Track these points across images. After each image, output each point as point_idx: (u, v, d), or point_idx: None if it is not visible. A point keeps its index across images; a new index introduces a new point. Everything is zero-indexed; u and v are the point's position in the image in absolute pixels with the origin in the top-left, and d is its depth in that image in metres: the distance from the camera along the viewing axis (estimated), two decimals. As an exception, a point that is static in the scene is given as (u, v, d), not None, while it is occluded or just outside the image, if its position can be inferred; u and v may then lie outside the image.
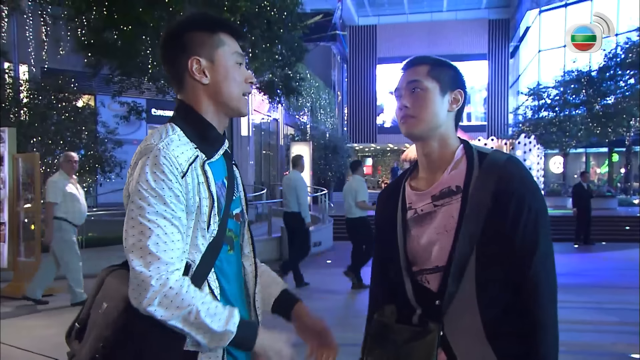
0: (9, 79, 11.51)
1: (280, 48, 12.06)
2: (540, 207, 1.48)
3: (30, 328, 5.86)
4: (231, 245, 1.55)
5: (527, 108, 24.31)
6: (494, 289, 1.46)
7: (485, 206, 1.46)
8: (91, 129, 11.80)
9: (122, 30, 10.39)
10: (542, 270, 1.47)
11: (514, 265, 1.45)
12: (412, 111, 1.57)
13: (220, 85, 1.53)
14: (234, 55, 1.55)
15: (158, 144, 1.40)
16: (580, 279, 9.02)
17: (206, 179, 1.45)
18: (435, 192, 1.56)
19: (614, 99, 21.16)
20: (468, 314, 1.46)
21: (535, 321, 1.45)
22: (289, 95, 13.59)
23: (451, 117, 1.60)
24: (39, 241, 7.42)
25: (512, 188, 1.46)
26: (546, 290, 1.47)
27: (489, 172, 1.49)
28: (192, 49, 1.51)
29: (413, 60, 1.62)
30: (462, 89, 1.62)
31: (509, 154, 1.54)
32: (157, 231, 1.35)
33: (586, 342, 5.38)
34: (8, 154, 7.61)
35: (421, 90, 1.56)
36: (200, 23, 1.53)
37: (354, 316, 6.41)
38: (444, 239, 1.51)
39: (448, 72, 1.60)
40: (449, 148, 1.59)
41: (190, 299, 1.34)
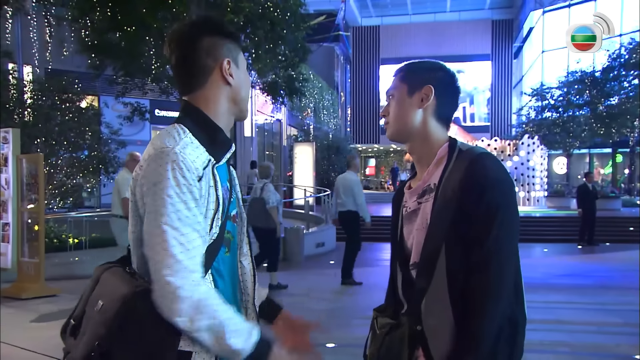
0: (13, 80, 11.55)
1: (284, 49, 12.07)
2: (500, 200, 1.45)
3: (34, 329, 5.87)
4: (228, 247, 1.56)
5: (530, 109, 24.27)
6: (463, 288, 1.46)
7: (451, 203, 1.47)
8: (95, 130, 11.83)
9: (126, 32, 10.42)
10: (489, 263, 1.42)
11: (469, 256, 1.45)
12: (387, 118, 1.67)
13: (240, 88, 1.59)
14: (244, 62, 1.65)
15: (174, 148, 1.39)
16: (584, 280, 8.99)
17: (215, 183, 1.45)
18: (419, 190, 1.61)
19: (617, 99, 21.13)
20: (441, 310, 1.47)
21: (472, 310, 1.42)
22: (292, 96, 13.60)
23: (428, 114, 1.61)
24: (42, 242, 7.44)
25: (472, 183, 1.45)
26: (490, 281, 1.42)
27: (457, 169, 1.51)
28: (222, 52, 1.54)
29: (396, 70, 1.70)
30: (434, 85, 1.60)
31: (483, 150, 1.53)
32: (181, 238, 1.34)
33: (589, 343, 5.37)
34: (12, 155, 7.63)
35: (393, 98, 1.66)
36: (222, 28, 1.58)
37: (356, 317, 6.41)
38: (420, 236, 1.55)
39: (418, 72, 1.64)
40: (431, 145, 1.62)
41: (216, 312, 1.34)
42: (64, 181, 11.47)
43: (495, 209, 1.43)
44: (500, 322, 1.45)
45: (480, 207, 1.44)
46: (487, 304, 1.42)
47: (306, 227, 12.51)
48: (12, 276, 7.62)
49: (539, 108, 23.59)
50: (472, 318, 1.42)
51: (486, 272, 1.42)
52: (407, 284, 1.60)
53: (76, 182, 11.90)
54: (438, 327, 1.49)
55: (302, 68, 14.43)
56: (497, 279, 1.43)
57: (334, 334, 5.57)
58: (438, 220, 1.50)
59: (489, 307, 1.42)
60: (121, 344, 1.34)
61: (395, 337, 1.58)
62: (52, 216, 10.41)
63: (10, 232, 7.58)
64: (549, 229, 15.34)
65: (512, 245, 1.47)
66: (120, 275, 1.43)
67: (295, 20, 11.65)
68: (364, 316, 6.56)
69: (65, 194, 11.60)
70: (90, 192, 14.11)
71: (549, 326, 5.81)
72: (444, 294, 1.47)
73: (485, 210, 1.43)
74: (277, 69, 12.48)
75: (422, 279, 1.51)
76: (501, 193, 1.46)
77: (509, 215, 1.46)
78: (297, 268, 10.29)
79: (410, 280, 1.59)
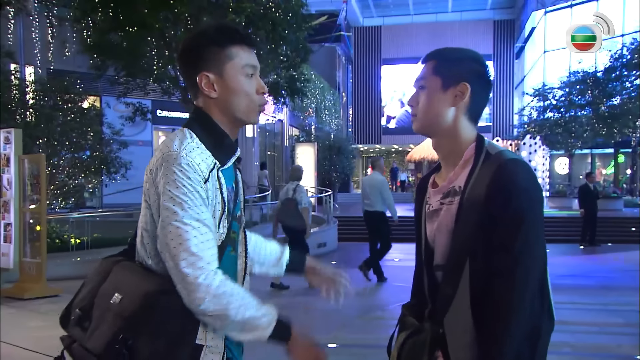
0: (15, 80, 11.56)
1: (285, 49, 12.06)
2: (527, 207, 1.42)
3: (35, 329, 5.88)
4: (233, 246, 1.61)
5: (532, 109, 24.23)
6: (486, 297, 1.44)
7: (477, 207, 1.44)
8: (96, 130, 11.83)
9: (128, 32, 10.43)
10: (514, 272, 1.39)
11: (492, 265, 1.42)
12: (415, 110, 1.60)
13: (228, 99, 1.57)
14: (245, 68, 1.58)
15: (180, 152, 1.46)
16: (586, 281, 8.99)
17: (220, 185, 1.51)
18: (444, 190, 1.57)
19: (619, 99, 21.10)
20: (462, 313, 1.47)
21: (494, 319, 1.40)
22: (294, 97, 13.60)
23: (460, 111, 1.56)
24: (44, 242, 7.45)
25: (500, 189, 1.42)
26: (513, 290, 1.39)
27: (485, 173, 1.46)
28: (202, 64, 1.56)
29: (426, 56, 1.63)
30: (471, 81, 1.55)
31: (512, 155, 1.49)
32: (194, 232, 1.41)
33: (591, 344, 5.36)
34: (14, 155, 7.64)
35: (423, 89, 1.58)
36: (211, 37, 1.57)
37: (358, 317, 6.41)
38: (443, 238, 1.53)
39: (454, 66, 1.56)
40: (460, 144, 1.56)
41: (236, 297, 1.44)
42: (66, 181, 11.48)
43: (522, 216, 1.40)
44: (524, 331, 1.42)
45: (506, 214, 1.40)
46: (511, 314, 1.39)
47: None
48: (14, 276, 7.63)
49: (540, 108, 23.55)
50: (495, 327, 1.39)
51: (511, 281, 1.39)
52: (433, 285, 1.59)
53: (78, 182, 11.91)
54: (458, 330, 1.47)
55: (303, 68, 14.43)
56: (521, 288, 1.40)
57: (335, 334, 5.57)
58: (464, 225, 1.47)
59: (513, 316, 1.39)
60: (144, 338, 1.40)
61: (417, 342, 1.56)
62: (54, 216, 10.42)
63: (13, 232, 7.60)
64: (550, 229, 15.30)
65: (537, 252, 1.44)
66: (139, 271, 1.51)
67: (296, 20, 11.65)
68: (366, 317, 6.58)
69: (67, 194, 11.61)
70: (92, 192, 14.11)
71: (550, 327, 5.80)
72: (465, 298, 1.46)
73: (511, 217, 1.40)
74: (278, 70, 12.48)
75: (449, 286, 1.49)
76: (528, 200, 1.43)
77: (535, 223, 1.43)
78: (299, 268, 10.29)
79: (435, 281, 1.58)
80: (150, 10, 9.99)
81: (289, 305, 6.95)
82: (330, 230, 13.49)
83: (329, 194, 15.73)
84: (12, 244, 7.59)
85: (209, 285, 1.40)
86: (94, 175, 11.99)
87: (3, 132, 7.83)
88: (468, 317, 1.45)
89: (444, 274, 1.51)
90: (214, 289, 1.40)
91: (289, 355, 1.57)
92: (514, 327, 1.39)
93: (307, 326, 1.60)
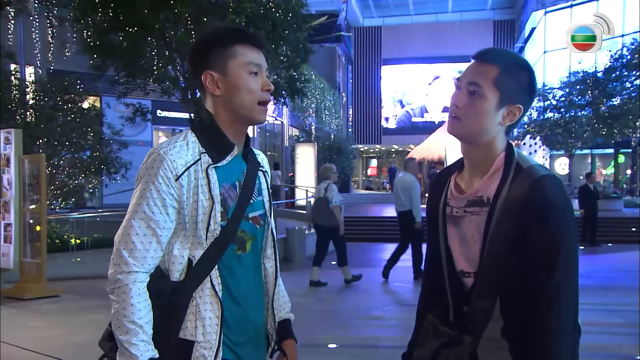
0: (15, 81, 11.57)
1: (285, 49, 12.06)
2: (565, 228, 1.41)
3: (36, 329, 5.88)
4: (241, 246, 1.61)
5: (532, 109, 24.19)
6: (516, 311, 1.43)
7: (510, 221, 1.42)
8: (97, 130, 11.84)
9: (128, 32, 10.43)
10: (559, 291, 1.39)
11: (532, 286, 1.41)
12: (460, 112, 1.50)
13: (231, 97, 1.59)
14: (248, 66, 1.59)
15: (160, 150, 1.53)
16: (586, 281, 8.97)
17: (208, 182, 1.53)
18: (469, 198, 1.53)
19: (619, 100, 21.07)
20: (494, 329, 1.46)
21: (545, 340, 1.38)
22: (294, 97, 13.60)
23: (502, 129, 1.53)
24: (44, 242, 7.45)
25: (536, 207, 1.39)
26: (561, 310, 1.39)
27: (518, 188, 1.43)
28: (207, 64, 1.59)
29: (485, 55, 1.52)
30: (524, 103, 1.52)
31: (545, 172, 1.46)
32: (139, 235, 1.49)
33: (591, 344, 5.36)
34: (14, 155, 7.65)
35: (478, 97, 1.48)
36: (216, 37, 1.61)
37: (357, 317, 6.41)
38: (470, 248, 1.51)
39: (515, 82, 1.49)
40: (492, 155, 1.53)
41: (130, 304, 1.45)
42: (66, 182, 11.48)
43: (561, 238, 1.39)
44: (569, 349, 1.42)
45: (544, 234, 1.39)
46: (560, 336, 1.39)
47: (308, 228, 12.50)
48: (14, 276, 7.63)
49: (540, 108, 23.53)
50: (546, 347, 1.38)
51: (557, 303, 1.38)
52: (458, 291, 1.55)
53: (78, 182, 11.92)
54: (490, 346, 1.46)
55: (303, 68, 14.43)
56: (567, 310, 1.40)
57: (335, 334, 5.57)
58: (498, 239, 1.44)
59: (563, 338, 1.39)
60: None
61: (453, 354, 1.52)
62: (54, 217, 10.42)
63: (13, 232, 7.60)
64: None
65: (576, 271, 1.43)
66: None
67: (297, 20, 11.65)
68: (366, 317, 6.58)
69: (67, 194, 11.62)
70: (92, 192, 14.12)
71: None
72: (497, 318, 1.45)
73: (549, 238, 1.39)
74: (278, 70, 12.47)
75: (485, 300, 1.46)
76: (566, 221, 1.42)
77: (573, 244, 1.42)
78: (299, 268, 10.29)
79: (460, 287, 1.55)
80: (150, 10, 9.98)
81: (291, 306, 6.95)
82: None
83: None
84: (12, 244, 7.59)
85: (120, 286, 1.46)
86: (94, 175, 12.00)
87: (3, 132, 7.84)
88: (499, 333, 1.45)
89: (479, 287, 1.48)
90: (122, 293, 1.46)
91: None
92: (564, 347, 1.39)
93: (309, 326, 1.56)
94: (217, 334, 1.51)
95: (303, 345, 5.28)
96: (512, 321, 1.43)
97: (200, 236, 1.52)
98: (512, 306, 1.43)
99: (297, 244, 10.95)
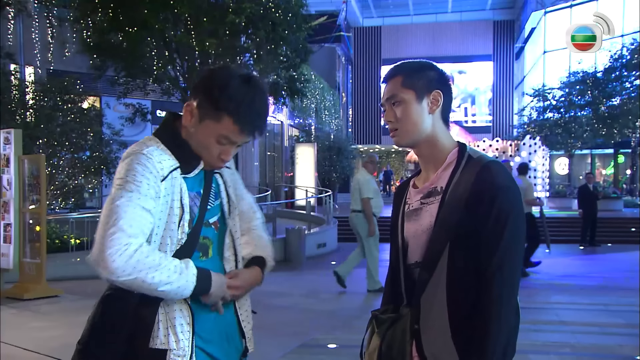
0: (15, 81, 11.56)
1: (285, 49, 12.07)
2: (510, 208, 1.50)
3: (36, 329, 5.88)
4: (204, 252, 1.64)
5: (532, 109, 24.23)
6: (463, 288, 1.51)
7: (458, 207, 1.52)
8: (96, 131, 11.83)
9: (127, 32, 10.43)
10: (502, 267, 1.47)
11: (479, 263, 1.49)
12: (394, 124, 1.65)
13: (196, 140, 1.60)
14: (219, 137, 1.57)
15: (142, 150, 1.53)
16: (586, 281, 8.98)
17: (180, 191, 1.55)
18: (424, 191, 1.64)
19: (619, 100, 21.09)
20: (438, 310, 1.52)
21: (484, 314, 1.46)
22: (294, 97, 13.60)
23: (436, 118, 1.64)
24: (44, 242, 7.45)
25: (483, 190, 1.50)
26: (503, 285, 1.47)
27: (467, 175, 1.54)
28: (197, 95, 1.58)
29: (387, 74, 1.69)
30: (440, 88, 1.63)
31: (492, 159, 1.58)
32: (128, 213, 1.43)
33: (592, 344, 5.36)
34: (14, 156, 7.64)
35: (398, 103, 1.63)
36: (227, 97, 1.53)
37: (357, 317, 6.40)
38: (423, 237, 1.58)
39: (421, 77, 1.63)
40: (440, 148, 1.64)
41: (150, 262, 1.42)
42: (66, 182, 11.47)
43: (506, 215, 1.49)
44: (511, 326, 1.51)
45: (491, 213, 1.48)
46: (500, 310, 1.46)
47: (307, 228, 12.51)
48: (14, 277, 7.62)
49: (540, 109, 23.55)
50: (488, 322, 1.46)
51: (500, 278, 1.47)
52: (410, 281, 1.63)
53: (78, 182, 11.92)
54: (433, 326, 1.52)
55: (303, 69, 14.43)
56: (509, 284, 1.48)
57: (335, 334, 5.57)
58: (444, 221, 1.54)
59: (503, 312, 1.46)
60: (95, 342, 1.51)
61: (397, 330, 1.60)
62: (53, 217, 10.42)
63: (12, 232, 7.59)
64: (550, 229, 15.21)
65: (521, 250, 1.54)
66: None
67: (296, 21, 11.65)
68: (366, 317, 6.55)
69: (67, 194, 11.61)
70: (91, 192, 14.12)
71: (551, 327, 5.80)
72: (441, 294, 1.52)
73: (496, 216, 1.48)
74: (278, 70, 12.47)
75: (425, 273, 1.55)
76: (511, 199, 1.52)
77: (518, 221, 1.51)
78: (299, 269, 10.29)
79: (412, 277, 1.62)
80: (150, 10, 9.99)
81: (289, 306, 6.95)
82: (330, 230, 13.49)
83: (329, 194, 15.73)
84: (12, 245, 7.58)
85: (119, 255, 1.38)
86: (94, 175, 11.99)
87: (3, 132, 7.83)
88: (444, 314, 1.51)
89: (422, 262, 1.57)
90: (124, 259, 1.39)
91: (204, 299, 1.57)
92: (504, 322, 1.47)
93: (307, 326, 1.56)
94: (189, 340, 1.52)
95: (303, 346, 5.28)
96: (457, 309, 1.50)
97: (166, 244, 1.53)
98: (459, 294, 1.50)
99: (296, 245, 10.95)
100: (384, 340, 1.62)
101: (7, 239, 7.65)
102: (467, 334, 1.48)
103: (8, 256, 7.58)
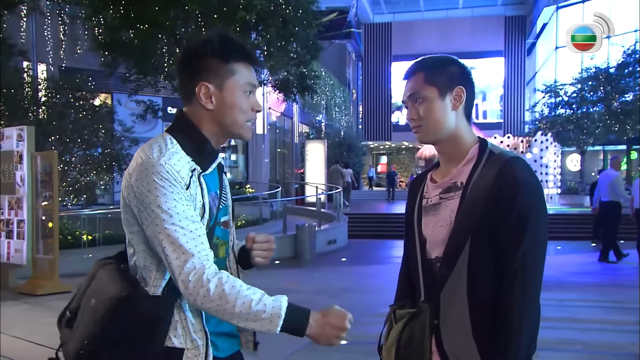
0: (28, 78, 11.64)
1: (296, 46, 12.07)
2: (532, 205, 1.50)
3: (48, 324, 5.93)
4: (216, 252, 1.61)
5: (543, 105, 24.06)
6: (484, 284, 1.51)
7: (480, 203, 1.51)
8: (108, 127, 11.90)
9: (139, 30, 10.48)
10: (524, 264, 1.47)
11: (501, 260, 1.50)
12: (418, 122, 1.64)
13: (224, 113, 1.57)
14: (245, 85, 1.58)
15: (159, 160, 1.46)
16: (598, 278, 8.92)
17: (201, 190, 1.52)
18: (444, 186, 1.64)
19: (632, 95, 20.86)
20: (458, 307, 1.52)
21: (507, 312, 1.46)
22: (304, 94, 13.60)
23: (459, 114, 1.64)
24: (56, 238, 7.51)
25: (505, 186, 1.49)
26: (526, 282, 1.48)
27: (489, 171, 1.54)
28: (203, 75, 1.55)
29: (409, 71, 1.67)
30: (463, 84, 1.63)
31: (514, 154, 1.58)
32: (183, 232, 1.42)
33: (604, 342, 5.33)
34: (27, 152, 7.70)
35: (421, 100, 1.62)
36: (215, 50, 1.55)
37: (368, 314, 6.40)
38: (443, 231, 1.58)
39: (443, 73, 1.62)
40: (462, 144, 1.64)
41: (235, 290, 1.40)
42: (78, 178, 11.55)
43: (528, 212, 1.49)
44: (536, 323, 1.52)
45: (513, 210, 1.48)
46: (524, 307, 1.46)
47: (318, 225, 12.51)
48: (27, 273, 7.69)
49: (552, 105, 23.37)
50: (509, 320, 1.46)
51: (524, 275, 1.47)
52: (428, 276, 1.62)
53: (90, 179, 11.99)
54: (453, 322, 1.53)
55: (313, 65, 14.43)
56: (532, 281, 1.49)
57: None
58: (465, 217, 1.53)
59: (527, 309, 1.47)
60: (107, 344, 1.44)
61: (416, 326, 1.59)
62: (66, 213, 10.49)
63: (25, 229, 7.66)
64: (562, 226, 15.20)
65: (544, 247, 1.53)
66: (112, 275, 1.52)
67: (307, 17, 11.64)
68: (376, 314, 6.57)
69: (79, 191, 11.69)
70: (103, 189, 14.21)
71: (563, 324, 5.77)
72: (462, 290, 1.52)
73: (518, 213, 1.48)
74: (288, 67, 12.48)
75: (445, 268, 1.55)
76: (533, 196, 1.51)
77: (540, 218, 1.51)
78: (309, 265, 10.30)
79: (431, 272, 1.61)
80: (161, 8, 10.02)
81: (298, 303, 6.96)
82: (340, 227, 13.48)
83: (339, 191, 15.73)
84: (25, 241, 7.65)
85: (201, 280, 1.38)
86: (106, 172, 12.06)
87: (16, 129, 7.90)
88: (465, 311, 1.51)
89: (443, 258, 1.56)
90: (205, 285, 1.38)
91: (315, 341, 1.53)
92: (529, 319, 1.47)
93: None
94: (203, 339, 1.52)
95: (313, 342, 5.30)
96: (478, 305, 1.50)
97: None
98: (480, 290, 1.51)
99: (307, 241, 10.95)
100: (402, 334, 1.62)
101: (21, 235, 7.72)
102: (489, 330, 1.48)
103: (21, 252, 7.66)
